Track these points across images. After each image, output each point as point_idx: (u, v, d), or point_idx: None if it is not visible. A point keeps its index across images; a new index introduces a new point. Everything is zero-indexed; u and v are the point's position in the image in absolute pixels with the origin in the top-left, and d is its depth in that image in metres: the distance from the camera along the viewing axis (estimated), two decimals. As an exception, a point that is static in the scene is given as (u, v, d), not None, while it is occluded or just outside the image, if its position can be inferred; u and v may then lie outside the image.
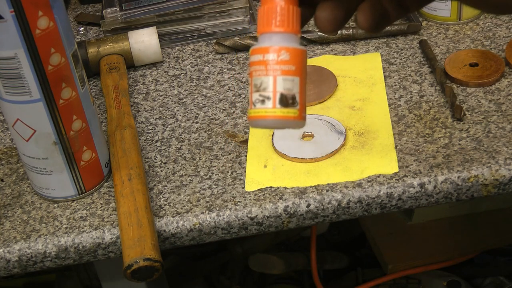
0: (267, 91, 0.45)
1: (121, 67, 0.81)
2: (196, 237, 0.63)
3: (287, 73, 0.45)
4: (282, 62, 0.45)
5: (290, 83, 0.45)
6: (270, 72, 0.45)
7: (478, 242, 1.01)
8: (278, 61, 0.45)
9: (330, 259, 1.13)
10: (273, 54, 0.45)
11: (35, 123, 0.61)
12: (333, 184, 0.64)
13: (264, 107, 0.45)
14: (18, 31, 0.56)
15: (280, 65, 0.45)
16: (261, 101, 0.45)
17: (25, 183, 0.70)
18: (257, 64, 0.45)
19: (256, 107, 0.45)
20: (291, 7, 0.45)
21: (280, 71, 0.45)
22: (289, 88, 0.45)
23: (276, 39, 0.45)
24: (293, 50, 0.45)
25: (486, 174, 0.63)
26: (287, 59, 0.45)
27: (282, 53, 0.45)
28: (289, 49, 0.45)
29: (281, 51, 0.45)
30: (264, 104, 0.45)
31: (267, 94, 0.45)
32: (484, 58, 0.76)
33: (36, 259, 0.63)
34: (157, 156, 0.71)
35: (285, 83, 0.45)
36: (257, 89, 0.45)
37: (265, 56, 0.45)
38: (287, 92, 0.45)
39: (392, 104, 0.73)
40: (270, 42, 0.45)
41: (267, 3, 0.45)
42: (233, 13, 0.87)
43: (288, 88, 0.45)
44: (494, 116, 0.69)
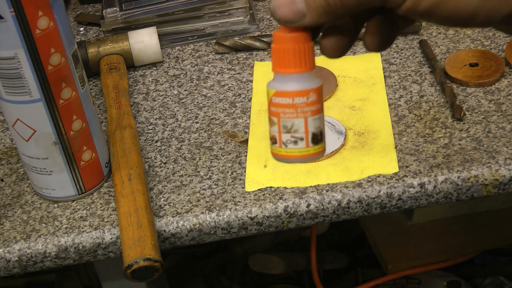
0: (299, 132, 0.48)
1: (121, 67, 0.81)
2: (196, 237, 0.63)
3: (316, 113, 0.47)
4: (311, 104, 0.47)
5: (318, 121, 0.48)
6: (301, 114, 0.47)
7: (478, 242, 1.02)
8: (307, 103, 0.47)
9: (330, 259, 1.13)
10: (303, 97, 0.47)
11: (35, 123, 0.61)
12: (333, 184, 0.64)
13: (297, 147, 0.48)
14: (18, 31, 0.56)
15: (309, 106, 0.47)
16: (293, 142, 0.48)
17: (25, 183, 0.70)
18: (286, 106, 0.47)
19: (288, 147, 0.48)
20: (308, 45, 0.47)
21: (310, 112, 0.47)
22: (318, 126, 0.48)
23: (299, 81, 0.47)
24: (318, 89, 0.47)
25: (486, 174, 0.63)
26: (314, 100, 0.47)
27: (311, 95, 0.47)
28: (315, 89, 0.47)
29: (310, 93, 0.47)
30: (297, 144, 0.48)
31: (299, 136, 0.48)
32: (484, 58, 0.76)
33: (36, 259, 0.63)
34: (157, 156, 0.71)
35: (315, 122, 0.47)
36: (287, 130, 0.48)
37: (294, 100, 0.47)
38: (317, 130, 0.48)
39: (392, 104, 0.73)
40: (296, 85, 0.47)
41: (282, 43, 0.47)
42: (233, 13, 0.87)
43: (318, 126, 0.48)
44: (494, 116, 0.69)
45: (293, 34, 0.46)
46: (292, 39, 0.46)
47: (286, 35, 0.46)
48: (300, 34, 0.46)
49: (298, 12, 0.45)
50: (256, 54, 0.84)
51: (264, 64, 0.82)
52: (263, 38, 0.84)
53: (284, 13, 0.45)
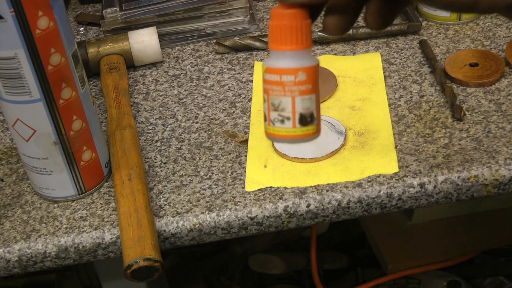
0: (286, 111, 0.46)
1: (121, 67, 0.81)
2: (196, 237, 0.63)
3: (305, 93, 0.46)
4: (299, 83, 0.46)
5: (308, 102, 0.46)
6: (288, 93, 0.46)
7: (478, 242, 1.02)
8: (295, 82, 0.45)
9: (330, 259, 1.13)
10: (291, 75, 0.45)
11: (35, 123, 0.61)
12: (333, 184, 0.64)
13: (284, 126, 0.46)
14: (18, 31, 0.56)
15: (298, 85, 0.46)
16: (280, 121, 0.46)
17: (25, 183, 0.70)
18: (274, 84, 0.46)
19: (276, 126, 0.46)
20: (304, 23, 0.45)
21: (298, 91, 0.46)
22: (307, 107, 0.46)
23: (291, 58, 0.45)
24: (309, 69, 0.46)
25: (486, 174, 0.63)
26: (304, 79, 0.46)
27: (299, 74, 0.45)
28: (306, 69, 0.45)
29: (298, 72, 0.45)
30: (283, 124, 0.46)
31: (286, 115, 0.46)
32: (484, 58, 0.76)
33: (36, 259, 0.63)
34: (157, 156, 0.71)
35: (303, 102, 0.46)
36: (275, 108, 0.46)
37: (282, 77, 0.46)
38: (306, 111, 0.46)
39: (392, 104, 0.73)
40: (286, 62, 0.45)
41: (278, 20, 0.45)
42: (233, 13, 0.87)
43: (307, 107, 0.46)
44: (494, 116, 0.69)
45: (289, 11, 0.45)
46: (287, 15, 0.45)
47: (282, 11, 0.45)
48: (296, 11, 0.45)
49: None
50: (256, 54, 0.84)
51: (264, 64, 0.82)
52: (263, 38, 0.84)
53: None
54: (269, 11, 0.91)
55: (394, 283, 1.02)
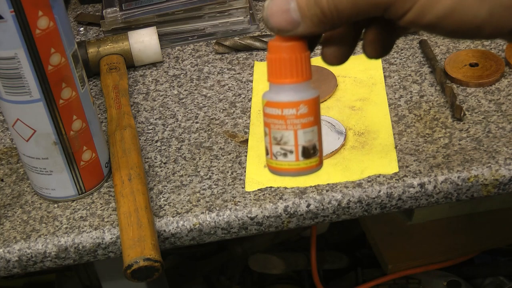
0: (289, 145, 0.46)
1: (121, 67, 0.81)
2: (196, 237, 0.63)
3: (307, 125, 0.45)
4: (301, 116, 0.45)
5: (310, 134, 0.46)
6: (290, 126, 0.45)
7: (478, 242, 1.02)
8: (297, 115, 0.45)
9: (330, 259, 1.13)
10: (292, 109, 0.45)
11: (35, 123, 0.61)
12: (333, 184, 0.64)
13: (287, 160, 0.46)
14: (18, 31, 0.56)
15: (300, 119, 0.45)
16: (283, 154, 0.46)
17: (25, 183, 0.70)
18: (275, 117, 0.46)
19: (278, 160, 0.46)
20: (303, 55, 0.45)
21: (300, 124, 0.45)
22: (309, 139, 0.46)
23: (292, 91, 0.45)
24: (310, 101, 0.45)
25: (486, 174, 0.63)
26: (305, 112, 0.45)
27: (301, 107, 0.45)
28: (307, 101, 0.45)
29: (300, 104, 0.45)
30: (286, 157, 0.46)
31: (289, 148, 0.46)
32: (484, 58, 0.76)
33: (36, 259, 0.63)
34: (157, 156, 0.71)
35: (306, 135, 0.45)
36: (277, 142, 0.46)
37: (283, 111, 0.45)
38: (308, 144, 0.46)
39: (392, 104, 0.73)
40: (287, 96, 0.45)
41: (277, 53, 0.45)
42: (233, 13, 0.87)
43: (309, 140, 0.46)
44: (494, 116, 0.69)
45: (287, 44, 0.44)
46: (285, 48, 0.44)
47: (280, 44, 0.44)
48: (295, 44, 0.44)
49: (292, 21, 0.43)
50: (256, 54, 0.84)
51: (264, 64, 0.82)
52: (263, 38, 0.84)
53: (277, 22, 0.44)
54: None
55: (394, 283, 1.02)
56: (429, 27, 0.42)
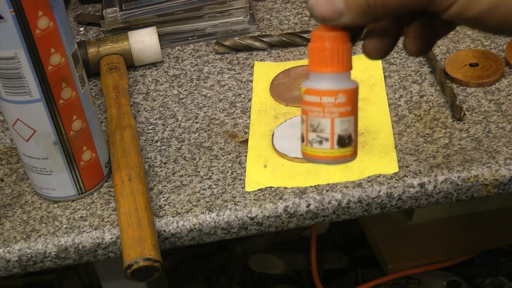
0: (325, 132, 0.46)
1: (121, 67, 0.81)
2: (196, 237, 0.63)
3: (344, 115, 0.46)
4: (339, 105, 0.46)
5: (347, 124, 0.46)
6: (328, 114, 0.46)
7: (478, 242, 1.02)
8: (335, 103, 0.46)
9: (330, 259, 1.13)
10: (331, 97, 0.46)
11: (35, 123, 0.61)
12: (333, 184, 0.64)
13: (322, 147, 0.47)
14: (18, 31, 0.56)
15: (337, 107, 0.46)
16: (318, 142, 0.47)
17: (25, 183, 0.70)
18: (313, 105, 0.46)
19: (313, 147, 0.47)
20: (345, 45, 0.46)
21: (337, 113, 0.46)
22: (346, 129, 0.46)
23: (332, 81, 0.46)
24: (349, 91, 0.46)
25: (486, 174, 0.63)
26: (343, 101, 0.46)
27: (339, 96, 0.46)
28: (346, 91, 0.46)
29: (339, 94, 0.46)
30: (321, 145, 0.47)
31: (325, 136, 0.46)
32: (484, 58, 0.76)
33: (36, 259, 0.63)
34: (157, 156, 0.71)
35: (342, 124, 0.46)
36: (313, 129, 0.47)
37: (322, 99, 0.46)
38: (344, 133, 0.46)
39: (392, 104, 0.73)
40: (327, 84, 0.46)
41: (319, 42, 0.46)
42: (233, 13, 0.87)
43: (345, 129, 0.46)
44: (494, 116, 0.69)
45: (330, 34, 0.45)
46: (328, 38, 0.45)
47: (323, 33, 0.45)
48: (338, 34, 0.45)
49: (337, 11, 0.44)
50: (256, 54, 0.84)
51: (264, 64, 0.82)
52: (263, 38, 0.84)
53: (321, 11, 0.44)
54: (269, 11, 0.91)
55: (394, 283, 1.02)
56: (473, 21, 0.42)
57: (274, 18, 0.90)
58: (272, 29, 0.87)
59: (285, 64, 0.81)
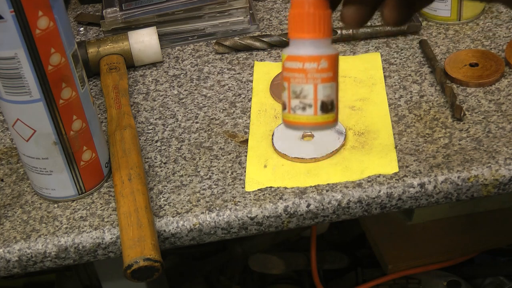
0: (308, 98, 0.46)
1: (121, 67, 0.81)
2: (196, 237, 0.63)
3: (327, 80, 0.46)
4: (321, 70, 0.46)
5: (329, 89, 0.47)
6: (311, 80, 0.46)
7: (478, 242, 1.01)
8: (318, 69, 0.46)
9: (330, 259, 1.13)
10: (313, 63, 0.46)
11: (35, 123, 0.61)
12: (333, 184, 0.64)
13: (305, 114, 0.47)
14: (18, 31, 0.56)
15: (320, 73, 0.46)
16: (301, 108, 0.47)
17: (25, 183, 0.70)
18: (296, 71, 0.46)
19: (296, 113, 0.47)
20: (325, 12, 0.46)
21: (320, 79, 0.46)
22: (328, 94, 0.47)
23: (313, 47, 0.46)
24: (330, 57, 0.46)
25: (486, 174, 0.63)
26: (325, 67, 0.46)
27: (321, 62, 0.46)
28: (328, 57, 0.46)
29: (321, 59, 0.46)
30: (305, 111, 0.47)
31: (308, 102, 0.47)
32: (484, 58, 0.76)
33: (36, 259, 0.63)
34: (157, 156, 0.71)
35: (325, 90, 0.46)
36: (296, 95, 0.47)
37: (305, 65, 0.46)
38: (327, 99, 0.47)
39: (392, 104, 0.73)
40: (309, 50, 0.46)
41: (299, 8, 0.46)
42: (233, 13, 0.87)
43: (328, 95, 0.47)
44: (494, 116, 0.69)
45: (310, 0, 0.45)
46: (309, 3, 0.45)
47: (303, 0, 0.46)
48: (317, 0, 0.45)
49: None
50: (256, 54, 0.84)
51: (264, 64, 0.82)
52: (263, 38, 0.84)
53: None
54: (269, 11, 0.91)
55: (394, 283, 1.02)
56: None
57: (274, 18, 0.90)
58: (272, 29, 0.87)
59: (285, 64, 0.81)
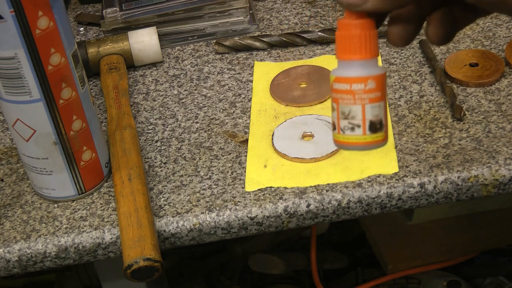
0: (357, 119, 0.47)
1: (121, 67, 0.81)
2: (196, 237, 0.64)
3: (375, 100, 0.47)
4: (369, 91, 0.47)
5: (377, 109, 0.47)
6: (358, 101, 0.47)
7: (478, 242, 1.02)
8: (365, 90, 0.47)
9: (330, 259, 1.13)
10: (361, 84, 0.46)
11: (35, 123, 0.61)
12: (333, 184, 0.64)
13: (354, 134, 0.47)
14: (18, 31, 0.56)
15: (367, 94, 0.47)
16: (350, 129, 0.47)
17: (25, 183, 0.70)
18: (344, 92, 0.47)
19: (346, 134, 0.48)
20: (371, 32, 0.46)
21: (368, 99, 0.47)
22: (377, 114, 0.47)
23: (360, 67, 0.47)
24: (378, 77, 0.47)
25: (486, 174, 0.63)
26: (373, 87, 0.47)
27: (369, 82, 0.46)
28: (375, 77, 0.47)
29: (368, 80, 0.46)
30: (354, 131, 0.47)
31: (356, 122, 0.47)
32: (484, 58, 0.76)
33: (36, 259, 0.63)
34: (157, 156, 0.71)
35: (373, 110, 0.47)
36: (345, 116, 0.47)
37: (352, 86, 0.47)
38: (375, 118, 0.47)
39: (392, 104, 0.73)
40: (356, 71, 0.47)
41: (346, 30, 0.47)
42: (233, 13, 0.87)
43: (376, 114, 0.47)
44: (494, 116, 0.69)
45: (356, 21, 0.46)
46: (355, 25, 0.46)
47: (349, 21, 0.46)
48: (363, 21, 0.46)
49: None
50: (256, 54, 0.84)
51: (264, 64, 0.82)
52: (263, 38, 0.84)
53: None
54: (269, 11, 0.91)
55: (394, 283, 1.02)
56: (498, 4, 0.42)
57: (274, 18, 0.90)
58: (272, 29, 0.87)
59: (285, 64, 0.81)
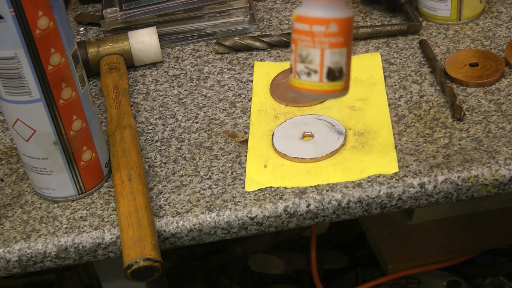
0: (314, 64, 0.43)
1: (121, 67, 0.81)
2: (196, 237, 0.64)
3: (335, 46, 0.43)
4: (330, 35, 0.43)
5: (338, 55, 0.43)
6: (318, 44, 0.43)
7: (478, 242, 1.01)
8: (326, 33, 0.43)
9: (330, 259, 1.13)
10: (321, 26, 0.43)
11: (35, 123, 0.61)
12: (333, 184, 0.64)
13: (309, 80, 0.44)
14: (18, 31, 0.56)
15: (328, 37, 0.43)
16: (306, 74, 0.44)
17: (25, 183, 0.70)
18: (303, 33, 0.43)
19: (301, 79, 0.44)
20: None
21: (328, 43, 0.43)
22: (336, 61, 0.43)
23: (324, 8, 0.43)
24: (341, 21, 0.43)
25: (486, 174, 0.63)
26: (335, 31, 0.43)
27: (331, 25, 0.43)
28: (338, 20, 0.43)
29: (330, 22, 0.43)
30: (310, 77, 0.44)
31: (313, 68, 0.43)
32: (484, 58, 0.76)
33: (36, 259, 0.63)
34: (157, 156, 0.71)
35: (333, 56, 0.43)
36: (302, 60, 0.44)
37: (312, 27, 0.43)
38: (335, 66, 0.43)
39: (392, 104, 0.73)
40: (318, 12, 0.43)
41: None
42: (233, 13, 0.87)
43: (336, 61, 0.43)
44: (494, 116, 0.69)
45: None
46: None
47: None
48: None
49: None
50: (256, 54, 0.84)
51: (264, 64, 0.82)
52: (263, 38, 0.84)
53: None
54: (269, 11, 0.91)
55: (394, 283, 1.02)
56: None
57: (274, 18, 0.90)
58: (272, 29, 0.87)
59: (285, 64, 0.81)
